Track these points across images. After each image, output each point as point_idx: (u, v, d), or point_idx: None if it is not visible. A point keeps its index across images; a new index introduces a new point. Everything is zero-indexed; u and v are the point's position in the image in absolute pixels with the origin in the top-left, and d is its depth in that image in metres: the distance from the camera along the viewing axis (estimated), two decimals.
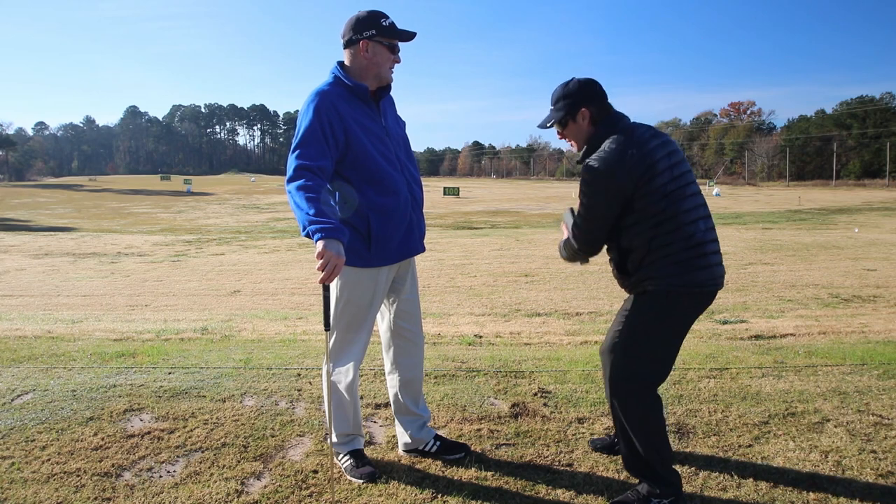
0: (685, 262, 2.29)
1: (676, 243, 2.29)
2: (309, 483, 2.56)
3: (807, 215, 27.59)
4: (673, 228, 2.29)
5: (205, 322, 6.67)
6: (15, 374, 4.05)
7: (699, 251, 2.31)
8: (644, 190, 2.27)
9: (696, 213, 2.34)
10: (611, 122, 2.42)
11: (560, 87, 2.49)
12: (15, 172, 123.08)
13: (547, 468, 2.68)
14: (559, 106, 2.47)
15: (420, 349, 2.82)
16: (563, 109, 2.45)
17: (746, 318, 6.45)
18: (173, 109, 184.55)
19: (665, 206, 2.28)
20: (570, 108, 2.43)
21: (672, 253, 2.29)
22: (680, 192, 2.31)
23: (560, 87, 2.49)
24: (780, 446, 2.84)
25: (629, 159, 2.27)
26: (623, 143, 2.31)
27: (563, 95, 2.46)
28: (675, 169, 2.33)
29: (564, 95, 2.46)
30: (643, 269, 2.32)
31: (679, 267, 2.28)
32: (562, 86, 2.49)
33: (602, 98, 2.45)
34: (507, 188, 70.77)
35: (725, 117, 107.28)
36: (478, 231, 21.71)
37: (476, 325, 6.31)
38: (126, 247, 17.26)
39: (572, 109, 2.43)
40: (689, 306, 2.37)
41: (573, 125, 2.46)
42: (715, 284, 2.35)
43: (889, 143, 74.81)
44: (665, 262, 2.29)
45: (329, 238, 2.25)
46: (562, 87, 2.48)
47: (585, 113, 2.43)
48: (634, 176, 2.26)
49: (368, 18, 2.51)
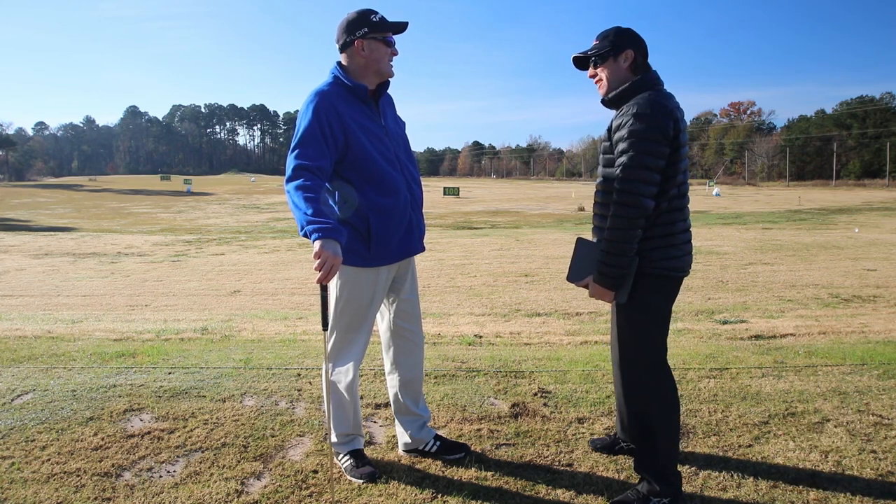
0: (678, 245, 2.33)
1: (677, 224, 2.32)
2: (309, 483, 2.56)
3: (807, 215, 27.59)
4: (680, 207, 2.32)
5: (205, 322, 6.67)
6: (15, 374, 4.05)
7: (686, 237, 2.37)
8: (674, 156, 2.26)
9: (688, 198, 2.40)
10: (653, 77, 2.38)
11: (613, 27, 2.44)
12: (15, 172, 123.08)
13: (547, 468, 2.68)
14: (607, 41, 2.41)
15: (420, 349, 2.82)
16: (610, 45, 2.40)
17: (746, 318, 6.45)
18: (173, 109, 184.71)
19: (677, 182, 2.29)
20: (617, 45, 2.39)
21: (671, 234, 2.31)
22: (685, 172, 2.34)
23: (613, 27, 2.45)
24: (780, 446, 2.84)
25: (675, 113, 2.26)
26: (666, 97, 2.30)
27: (613, 33, 2.42)
28: (687, 147, 2.34)
29: (615, 33, 2.42)
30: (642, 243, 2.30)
31: (674, 250, 2.32)
32: (615, 26, 2.44)
33: (646, 53, 2.42)
34: (507, 188, 70.78)
35: (725, 117, 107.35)
36: (478, 231, 21.70)
37: (476, 325, 6.31)
38: (126, 247, 17.26)
39: (619, 46, 2.39)
40: (669, 288, 2.41)
41: (613, 64, 2.41)
42: (686, 271, 2.41)
43: (889, 143, 74.82)
44: (660, 242, 2.31)
45: (326, 238, 2.25)
46: (615, 27, 2.44)
47: (630, 55, 2.39)
48: (674, 132, 2.24)
49: (358, 18, 2.52)
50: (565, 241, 15.90)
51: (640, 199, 2.21)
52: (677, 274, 2.37)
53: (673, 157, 2.25)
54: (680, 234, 2.34)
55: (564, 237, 16.94)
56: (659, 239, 2.31)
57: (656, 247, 2.31)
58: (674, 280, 2.39)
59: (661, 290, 2.37)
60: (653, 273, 2.32)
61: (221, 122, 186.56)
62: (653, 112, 2.21)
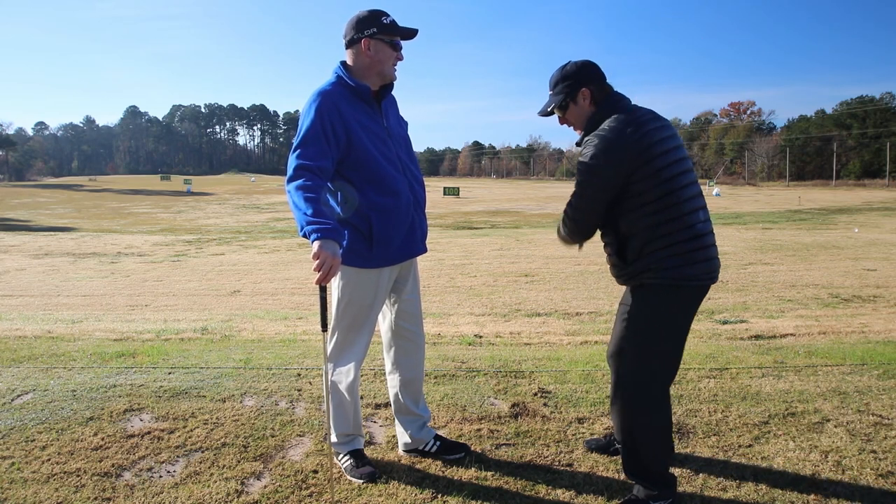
0: (686, 254, 2.26)
1: (678, 233, 2.25)
2: (309, 483, 2.56)
3: (807, 215, 27.58)
4: (675, 216, 2.25)
5: (205, 322, 6.67)
6: (15, 374, 4.05)
7: (699, 243, 2.28)
8: (642, 172, 2.22)
9: (695, 203, 2.30)
10: (611, 102, 2.37)
11: (557, 71, 2.43)
12: (15, 172, 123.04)
13: (547, 468, 2.68)
14: (558, 89, 2.42)
15: (421, 349, 2.82)
16: (563, 92, 2.40)
17: (746, 318, 6.45)
18: (173, 109, 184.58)
19: (665, 191, 2.24)
20: (570, 89, 2.38)
21: (674, 243, 2.25)
22: (679, 178, 2.27)
23: (557, 70, 2.44)
24: (780, 446, 2.84)
25: (627, 137, 2.23)
26: (623, 121, 2.27)
27: (561, 78, 2.41)
28: (674, 153, 2.28)
29: (563, 77, 2.41)
30: (644, 259, 2.27)
31: (680, 259, 2.25)
32: (559, 69, 2.43)
33: (601, 78, 2.41)
34: (507, 188, 70.76)
35: (725, 117, 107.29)
36: (478, 231, 21.70)
37: (476, 325, 6.31)
38: (126, 247, 17.25)
39: (572, 91, 2.38)
40: (688, 299, 2.34)
41: (574, 107, 2.41)
42: (711, 278, 2.33)
43: (889, 143, 74.78)
44: (666, 252, 2.25)
45: (325, 238, 2.25)
46: (559, 71, 2.43)
47: (586, 93, 2.38)
48: (632, 155, 2.22)
49: (369, 17, 2.51)
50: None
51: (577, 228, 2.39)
52: (692, 283, 2.28)
53: (640, 173, 2.22)
54: (686, 242, 2.26)
55: None
56: (664, 250, 2.25)
57: (664, 258, 2.25)
58: (690, 290, 2.31)
59: (677, 302, 2.31)
60: (668, 284, 2.26)
61: (221, 122, 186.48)
62: (602, 145, 2.24)
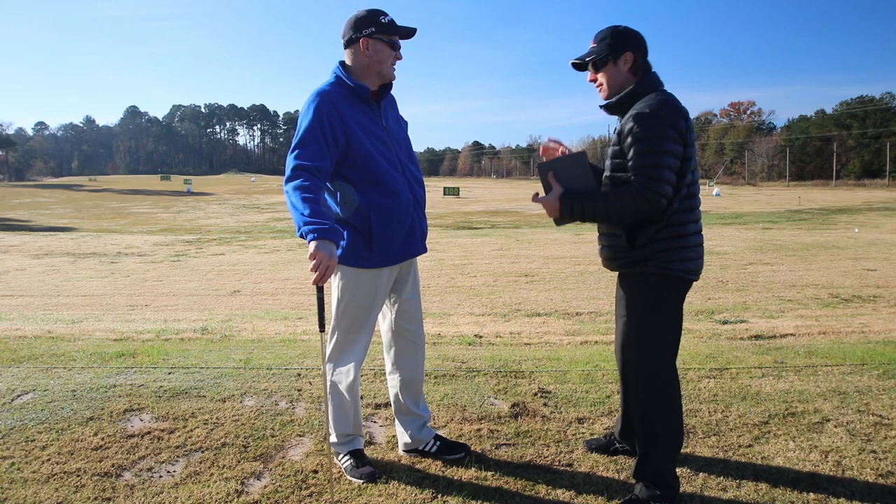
0: (691, 248, 2.31)
1: (688, 226, 2.29)
2: (309, 483, 2.56)
3: (807, 215, 27.58)
4: (688, 208, 2.29)
5: (205, 322, 6.67)
6: (15, 374, 4.05)
7: (698, 240, 2.35)
8: (685, 153, 2.23)
9: (699, 200, 2.36)
10: (654, 79, 2.33)
11: (608, 27, 2.36)
12: (15, 172, 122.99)
13: (547, 468, 2.68)
14: (605, 44, 2.33)
15: (421, 349, 2.82)
16: (609, 48, 2.32)
17: (746, 318, 6.45)
18: (173, 109, 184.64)
19: (688, 181, 2.26)
20: (615, 48, 2.31)
21: (683, 235, 2.28)
22: (695, 172, 2.31)
23: (608, 27, 2.37)
24: (780, 446, 2.84)
25: (682, 110, 2.23)
26: (671, 96, 2.27)
27: (611, 34, 2.34)
28: (694, 148, 2.30)
29: (613, 34, 2.34)
30: (651, 246, 2.27)
31: (684, 252, 2.29)
32: (611, 26, 2.36)
33: (646, 52, 2.35)
34: (507, 188, 70.71)
35: (725, 117, 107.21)
36: (478, 231, 21.70)
37: (476, 325, 6.31)
38: (126, 247, 17.25)
39: (617, 49, 2.31)
40: (684, 291, 2.39)
41: (612, 67, 2.34)
42: (698, 275, 2.39)
43: (889, 143, 74.76)
44: (673, 243, 2.27)
45: (322, 239, 2.25)
46: (610, 27, 2.36)
47: (629, 57, 2.32)
48: (682, 130, 2.20)
49: (367, 16, 2.52)
50: (565, 241, 15.90)
51: (660, 199, 2.18)
52: (689, 276, 2.34)
53: (683, 156, 2.23)
54: (692, 236, 2.31)
55: (564, 237, 16.93)
56: (672, 240, 2.27)
57: (670, 248, 2.27)
58: (686, 283, 2.36)
59: (675, 292, 2.35)
60: (669, 274, 2.29)
61: (221, 122, 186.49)
62: (665, 111, 2.19)
